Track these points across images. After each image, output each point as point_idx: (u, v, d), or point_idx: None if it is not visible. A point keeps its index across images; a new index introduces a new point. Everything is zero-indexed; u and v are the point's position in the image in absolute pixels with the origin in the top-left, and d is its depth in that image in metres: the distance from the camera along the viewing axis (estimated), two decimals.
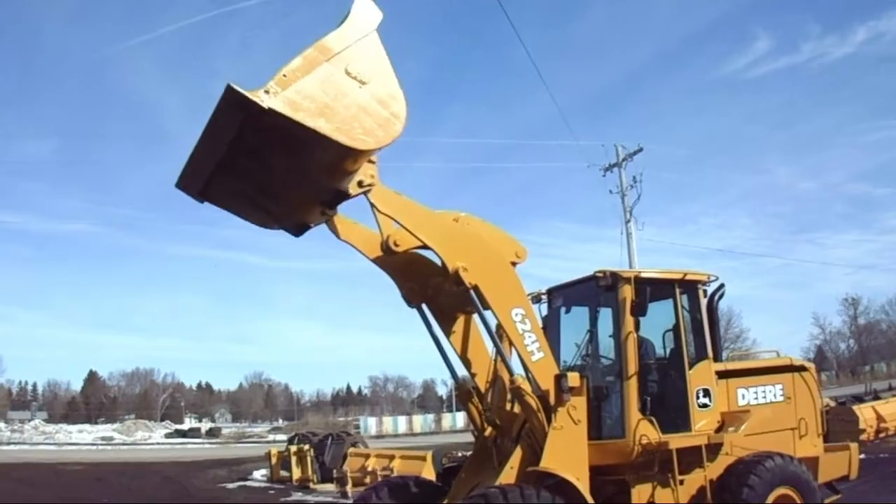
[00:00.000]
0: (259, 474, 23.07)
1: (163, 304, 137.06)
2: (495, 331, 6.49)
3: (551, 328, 8.01)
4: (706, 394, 7.42)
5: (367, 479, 15.74)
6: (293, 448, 20.93)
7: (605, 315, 7.71)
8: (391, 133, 5.17)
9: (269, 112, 4.50)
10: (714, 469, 7.21)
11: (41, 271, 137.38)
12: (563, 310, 8.22)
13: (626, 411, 7.03)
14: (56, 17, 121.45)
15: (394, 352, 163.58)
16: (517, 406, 6.61)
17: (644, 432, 6.88)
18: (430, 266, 6.45)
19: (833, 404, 19.35)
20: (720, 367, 7.78)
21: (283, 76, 4.70)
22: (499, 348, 6.60)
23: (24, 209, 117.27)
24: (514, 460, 6.18)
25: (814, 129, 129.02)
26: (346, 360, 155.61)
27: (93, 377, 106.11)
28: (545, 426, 6.13)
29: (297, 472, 20.04)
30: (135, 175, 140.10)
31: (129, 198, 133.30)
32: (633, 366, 7.11)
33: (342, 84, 4.98)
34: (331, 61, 4.93)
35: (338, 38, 5.00)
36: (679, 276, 7.70)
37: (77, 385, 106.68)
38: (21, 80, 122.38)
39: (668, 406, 7.26)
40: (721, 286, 7.94)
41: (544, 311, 8.24)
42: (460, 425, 58.80)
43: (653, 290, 7.16)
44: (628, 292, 7.22)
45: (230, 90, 4.43)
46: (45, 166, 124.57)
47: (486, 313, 6.34)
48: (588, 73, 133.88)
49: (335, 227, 6.12)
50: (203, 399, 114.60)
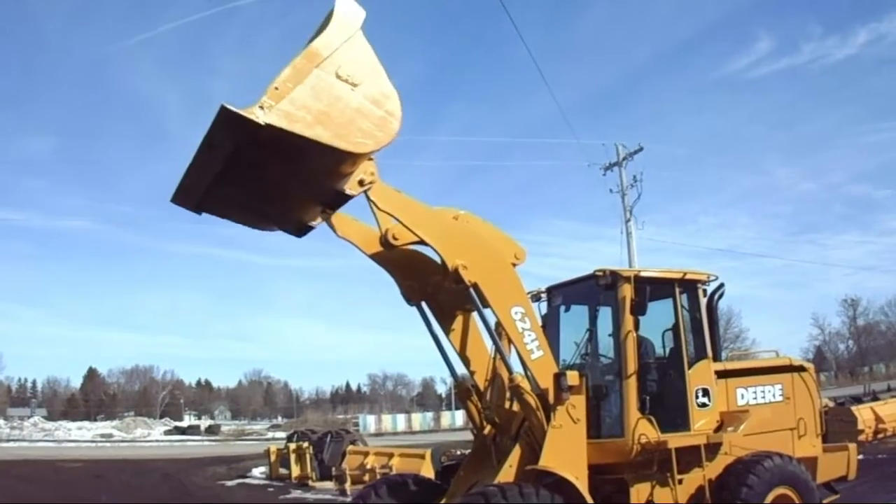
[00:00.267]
0: (258, 472, 23.01)
1: (163, 301, 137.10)
2: (494, 329, 6.46)
3: (551, 327, 8.01)
4: (705, 393, 7.41)
5: (366, 477, 15.70)
6: (292, 446, 20.90)
7: (605, 314, 7.71)
8: (389, 132, 5.14)
9: (266, 128, 4.45)
10: (713, 468, 7.21)
11: (41, 268, 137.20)
12: (562, 308, 8.22)
13: (625, 410, 7.03)
14: (57, 16, 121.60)
15: (393, 350, 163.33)
16: (516, 404, 6.59)
17: (643, 431, 6.88)
18: (430, 264, 6.45)
19: (832, 405, 19.42)
20: (719, 366, 7.77)
21: (276, 89, 4.62)
22: (498, 346, 6.57)
23: (25, 206, 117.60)
24: (513, 459, 6.17)
25: (814, 129, 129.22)
26: (346, 358, 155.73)
27: (92, 374, 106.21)
28: (544, 425, 6.11)
29: (296, 470, 20.01)
30: (135, 173, 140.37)
31: (129, 195, 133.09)
32: (632, 365, 7.10)
33: (334, 89, 4.92)
34: (320, 67, 4.85)
35: (324, 42, 4.90)
36: (679, 276, 7.70)
37: (77, 382, 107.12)
38: (22, 79, 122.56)
39: (668, 405, 7.26)
40: (721, 286, 7.94)
41: (544, 310, 8.23)
42: (459, 423, 58.72)
43: (652, 289, 7.15)
44: (628, 291, 7.21)
45: (224, 110, 4.35)
46: (46, 164, 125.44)
47: (485, 311, 6.32)
48: (589, 72, 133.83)
49: (333, 224, 6.10)
50: (202, 396, 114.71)
